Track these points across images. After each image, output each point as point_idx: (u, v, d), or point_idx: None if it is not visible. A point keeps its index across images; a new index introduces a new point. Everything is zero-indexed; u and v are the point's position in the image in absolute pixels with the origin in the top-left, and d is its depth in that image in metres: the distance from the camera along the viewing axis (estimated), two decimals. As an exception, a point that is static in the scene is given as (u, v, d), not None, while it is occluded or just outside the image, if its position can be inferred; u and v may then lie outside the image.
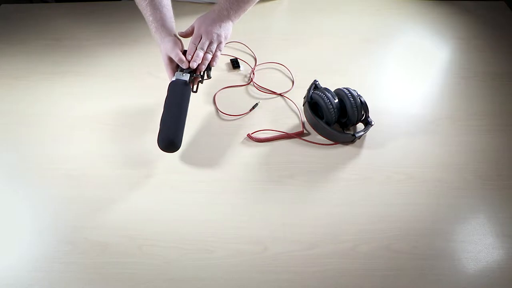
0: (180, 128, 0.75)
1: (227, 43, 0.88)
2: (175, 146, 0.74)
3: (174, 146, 0.74)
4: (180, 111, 0.76)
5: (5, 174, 0.78)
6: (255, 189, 0.76)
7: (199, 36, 0.80)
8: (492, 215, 0.73)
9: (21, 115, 0.88)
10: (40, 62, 1.00)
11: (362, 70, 0.99)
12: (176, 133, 0.74)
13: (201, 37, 0.80)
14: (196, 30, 0.81)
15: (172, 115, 0.75)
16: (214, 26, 0.80)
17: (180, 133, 0.75)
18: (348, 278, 0.65)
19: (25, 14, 1.14)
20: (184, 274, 0.65)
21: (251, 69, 0.98)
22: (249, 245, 0.68)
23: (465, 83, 0.96)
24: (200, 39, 0.80)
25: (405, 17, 1.15)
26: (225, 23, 0.82)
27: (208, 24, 0.80)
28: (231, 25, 0.84)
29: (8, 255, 0.67)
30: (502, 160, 0.81)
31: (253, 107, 0.89)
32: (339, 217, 0.72)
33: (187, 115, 0.77)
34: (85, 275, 0.65)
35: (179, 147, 0.74)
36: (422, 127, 0.86)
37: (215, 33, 0.80)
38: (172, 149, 0.74)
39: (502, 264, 0.67)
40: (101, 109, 0.89)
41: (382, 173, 0.78)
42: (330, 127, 0.81)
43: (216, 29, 0.80)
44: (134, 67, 0.99)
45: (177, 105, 0.76)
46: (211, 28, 0.80)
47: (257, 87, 0.94)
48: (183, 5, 1.13)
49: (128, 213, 0.72)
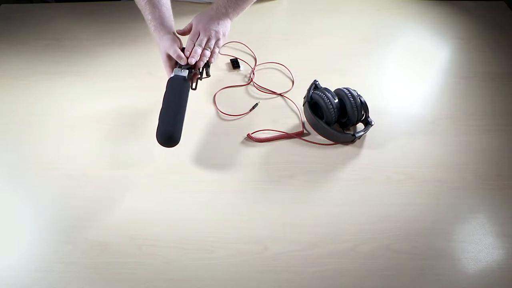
0: (179, 122, 0.74)
1: (227, 42, 0.88)
2: (174, 140, 0.72)
3: (173, 140, 0.72)
4: (179, 106, 0.75)
5: (5, 174, 0.78)
6: (255, 189, 0.76)
7: (197, 33, 0.80)
8: (492, 215, 0.73)
9: (21, 115, 0.88)
10: (40, 62, 1.00)
11: (362, 70, 0.99)
12: (175, 127, 0.72)
13: (199, 34, 0.80)
14: (194, 27, 0.81)
15: (170, 110, 0.74)
16: (212, 23, 0.80)
17: (179, 127, 0.73)
18: (348, 278, 0.65)
19: (25, 14, 1.14)
20: (184, 274, 0.65)
21: (251, 69, 0.98)
22: (249, 245, 0.68)
23: (465, 83, 0.96)
24: (198, 36, 0.80)
25: (405, 17, 1.15)
26: (223, 20, 0.82)
27: (206, 21, 0.80)
28: (229, 23, 0.84)
29: (8, 255, 0.67)
30: (502, 160, 0.81)
31: (253, 107, 0.89)
32: (339, 217, 0.72)
33: (186, 110, 0.76)
34: (85, 275, 0.65)
35: (178, 141, 0.73)
36: (422, 127, 0.86)
37: (213, 30, 0.80)
38: (171, 143, 0.72)
39: (502, 264, 0.67)
40: (101, 109, 0.89)
41: (382, 173, 0.78)
42: (330, 127, 0.81)
43: (214, 26, 0.80)
44: (134, 67, 0.98)
45: (176, 100, 0.75)
46: (209, 25, 0.80)
47: (257, 87, 0.94)
48: (182, 5, 1.13)
49: (128, 213, 0.72)
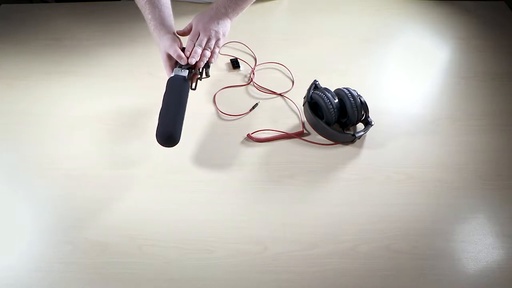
0: (179, 122, 0.74)
1: (227, 42, 0.88)
2: (174, 140, 0.72)
3: (173, 140, 0.72)
4: (179, 106, 0.75)
5: (5, 174, 0.78)
6: (255, 189, 0.76)
7: (197, 33, 0.80)
8: (492, 215, 0.73)
9: (21, 115, 0.88)
10: (40, 62, 1.00)
11: (362, 70, 0.99)
12: (175, 127, 0.72)
13: (199, 34, 0.80)
14: (194, 27, 0.81)
15: (170, 110, 0.74)
16: (211, 23, 0.80)
17: (179, 127, 0.73)
18: (348, 278, 0.65)
19: (25, 14, 1.14)
20: (184, 274, 0.65)
21: (251, 69, 0.98)
22: (249, 245, 0.68)
23: (465, 83, 0.96)
24: (198, 36, 0.80)
25: (405, 17, 1.15)
26: (223, 20, 0.82)
27: (206, 21, 0.80)
28: (229, 23, 0.84)
29: (8, 255, 0.67)
30: (502, 160, 0.81)
31: (253, 107, 0.89)
32: (339, 217, 0.72)
33: (186, 110, 0.76)
34: (85, 275, 0.65)
35: (177, 141, 0.72)
36: (422, 127, 0.86)
37: (213, 30, 0.80)
38: (171, 143, 0.72)
39: (502, 264, 0.67)
40: (101, 109, 0.89)
41: (382, 173, 0.78)
42: (330, 127, 0.81)
43: (214, 26, 0.80)
44: (134, 67, 0.98)
45: (176, 100, 0.75)
46: (209, 25, 0.80)
47: (257, 87, 0.94)
48: (182, 4, 1.13)
49: (128, 213, 0.72)
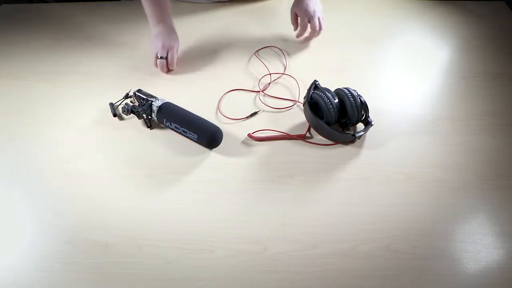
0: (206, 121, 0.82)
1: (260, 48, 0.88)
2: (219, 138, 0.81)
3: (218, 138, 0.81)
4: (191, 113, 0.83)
5: (5, 174, 0.78)
6: (255, 189, 0.76)
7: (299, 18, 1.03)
8: (492, 215, 0.73)
9: (21, 115, 0.88)
10: (40, 62, 1.00)
11: (362, 70, 0.99)
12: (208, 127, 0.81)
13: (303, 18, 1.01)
14: (301, 15, 1.01)
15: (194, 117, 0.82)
16: (307, 5, 1.00)
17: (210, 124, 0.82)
18: (348, 278, 0.65)
19: (25, 14, 1.14)
20: (184, 274, 0.65)
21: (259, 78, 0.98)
22: (249, 245, 0.68)
23: (465, 83, 0.96)
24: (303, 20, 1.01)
25: (405, 17, 1.15)
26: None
27: (299, 6, 1.01)
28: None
29: (8, 255, 0.67)
30: (502, 160, 0.81)
31: (251, 114, 0.89)
32: (339, 217, 0.72)
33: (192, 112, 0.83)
34: (85, 275, 0.65)
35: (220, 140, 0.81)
36: (422, 127, 0.86)
37: (310, 10, 1.00)
38: (218, 141, 0.81)
39: (502, 264, 0.67)
40: (101, 109, 0.89)
41: (382, 173, 0.78)
42: (330, 127, 0.81)
43: (310, 7, 1.01)
44: (134, 67, 0.98)
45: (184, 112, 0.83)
46: (307, 8, 1.00)
47: (266, 96, 0.94)
48: (182, 4, 1.13)
49: (128, 213, 0.72)
